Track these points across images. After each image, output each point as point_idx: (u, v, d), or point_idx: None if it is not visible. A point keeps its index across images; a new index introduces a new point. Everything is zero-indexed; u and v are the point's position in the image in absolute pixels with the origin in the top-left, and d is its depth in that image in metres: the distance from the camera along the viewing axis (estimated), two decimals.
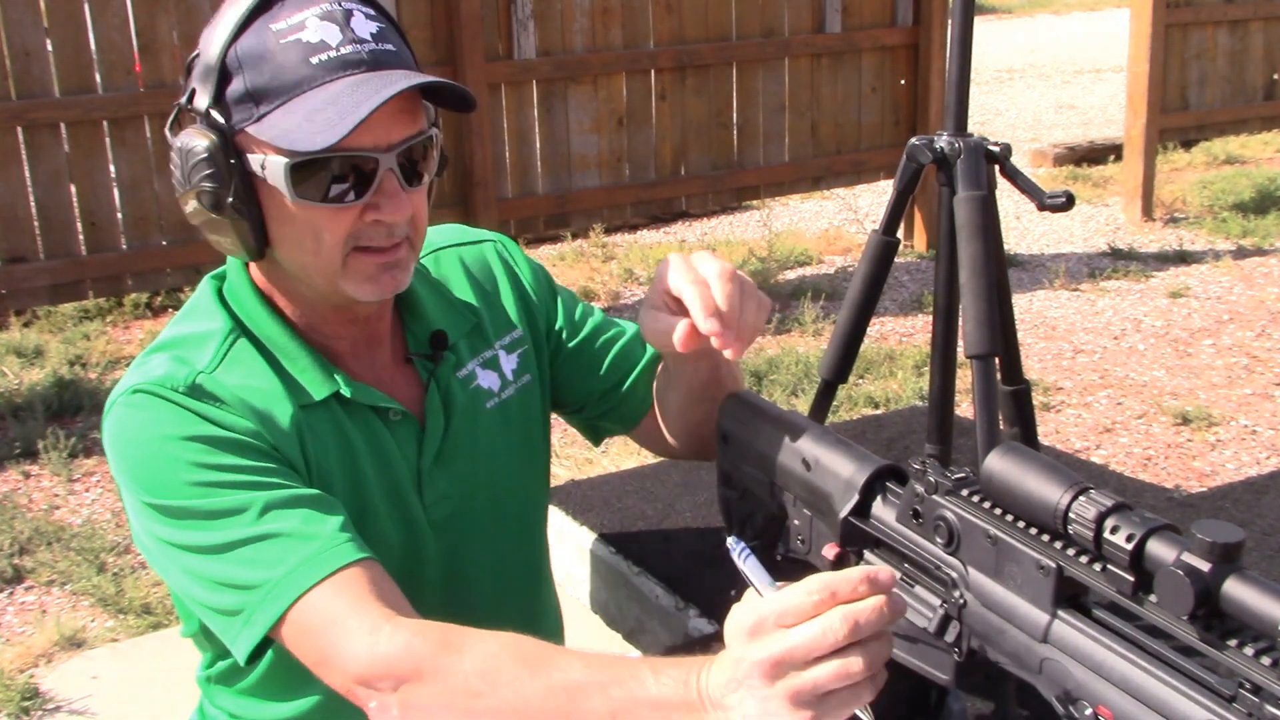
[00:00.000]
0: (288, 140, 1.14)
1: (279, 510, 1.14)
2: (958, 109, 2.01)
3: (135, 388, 1.20)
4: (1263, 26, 7.18)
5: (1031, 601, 0.91)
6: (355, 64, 1.15)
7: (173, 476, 1.16)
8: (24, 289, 4.61)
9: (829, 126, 6.21)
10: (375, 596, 1.11)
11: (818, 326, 5.22)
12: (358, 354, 1.32)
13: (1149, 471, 3.86)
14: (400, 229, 1.21)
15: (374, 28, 1.18)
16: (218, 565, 1.15)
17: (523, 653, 1.05)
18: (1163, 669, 0.82)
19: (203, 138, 1.18)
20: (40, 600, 3.27)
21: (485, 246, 1.48)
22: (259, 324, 1.27)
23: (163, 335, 1.29)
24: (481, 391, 1.38)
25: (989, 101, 11.44)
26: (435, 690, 1.05)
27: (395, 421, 1.31)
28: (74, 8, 4.48)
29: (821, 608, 0.90)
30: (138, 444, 1.19)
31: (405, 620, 1.10)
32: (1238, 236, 6.56)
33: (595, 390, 1.49)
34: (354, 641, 1.08)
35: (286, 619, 1.12)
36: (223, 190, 1.18)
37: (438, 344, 1.35)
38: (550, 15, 5.38)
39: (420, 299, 1.37)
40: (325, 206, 1.17)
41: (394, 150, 1.18)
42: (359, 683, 1.09)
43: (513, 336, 1.43)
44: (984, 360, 1.90)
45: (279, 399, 1.23)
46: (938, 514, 0.98)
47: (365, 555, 1.14)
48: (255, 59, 1.16)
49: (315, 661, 1.13)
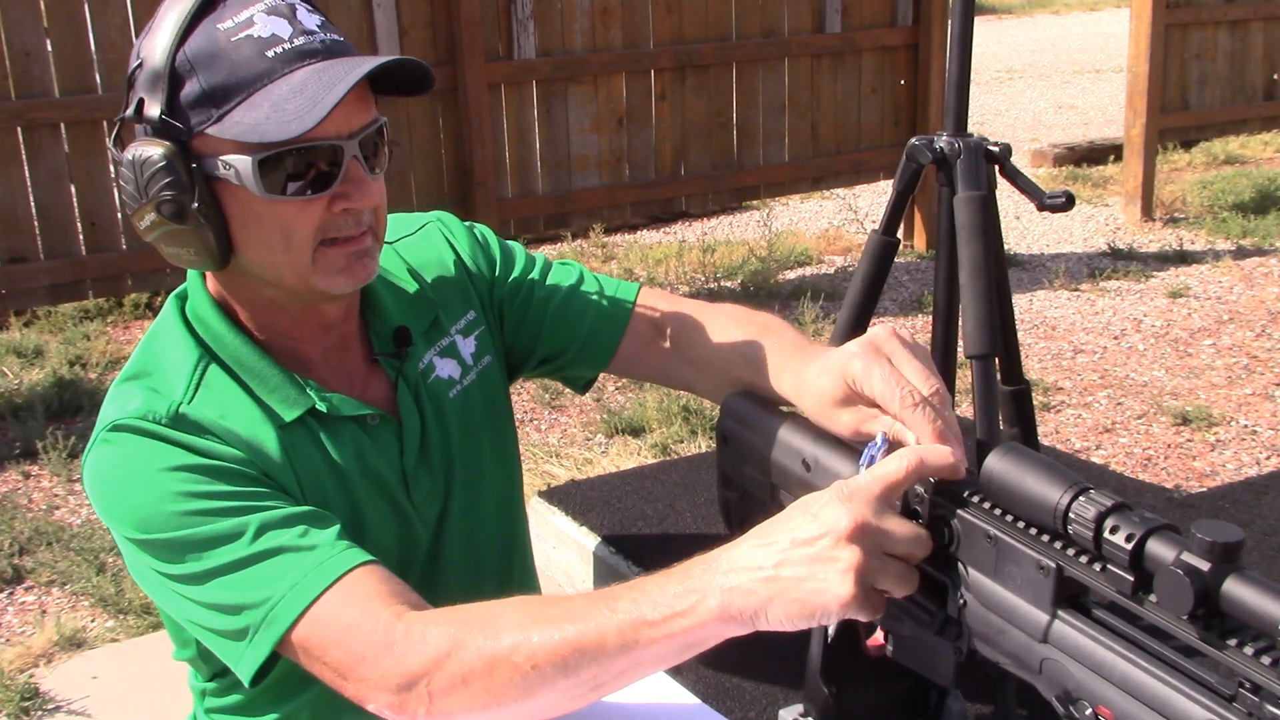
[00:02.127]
0: (257, 134, 1.12)
1: (275, 530, 1.13)
2: (958, 109, 2.01)
3: (114, 423, 1.17)
4: (1263, 26, 7.18)
5: (1031, 602, 0.91)
6: (311, 54, 1.15)
7: (161, 510, 1.14)
8: (24, 289, 4.61)
9: (829, 126, 6.21)
10: (385, 595, 1.10)
11: (818, 326, 5.22)
12: (329, 360, 1.30)
13: (1149, 471, 3.86)
14: (366, 217, 1.21)
15: (318, 19, 1.18)
16: (218, 591, 1.13)
17: (530, 614, 1.04)
18: (1163, 669, 0.82)
19: (158, 146, 1.15)
20: (40, 600, 3.27)
21: (429, 229, 1.45)
22: (225, 345, 1.24)
23: (132, 363, 1.26)
24: (442, 382, 1.36)
25: (989, 101, 11.44)
26: (457, 667, 1.04)
27: (374, 426, 1.29)
28: (74, 8, 4.48)
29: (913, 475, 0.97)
30: (121, 482, 1.16)
31: (416, 615, 1.08)
32: (1238, 236, 6.56)
33: (554, 351, 1.45)
34: (371, 650, 1.07)
35: (295, 633, 1.10)
36: (184, 197, 1.15)
37: (401, 341, 1.33)
38: (550, 15, 5.38)
39: (380, 297, 1.35)
40: (294, 200, 1.16)
41: (355, 137, 1.17)
42: (389, 693, 1.07)
43: (468, 319, 1.41)
44: (984, 360, 1.90)
45: (259, 423, 1.21)
46: (937, 514, 0.98)
47: (367, 559, 1.13)
48: (208, 59, 1.13)
49: (335, 675, 1.10)
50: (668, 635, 0.98)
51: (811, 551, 0.94)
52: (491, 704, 1.04)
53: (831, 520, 0.94)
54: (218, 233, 1.17)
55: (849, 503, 0.94)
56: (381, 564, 1.15)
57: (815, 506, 0.96)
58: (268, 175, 1.14)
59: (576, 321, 1.43)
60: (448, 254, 1.43)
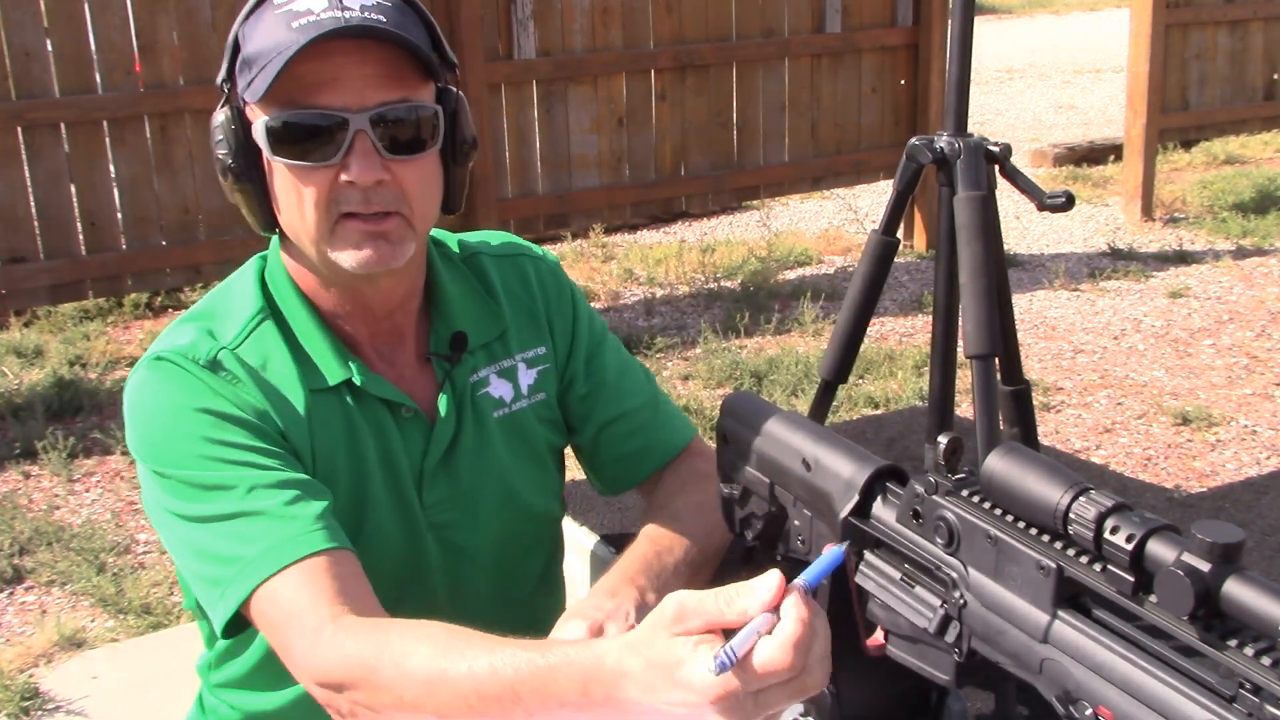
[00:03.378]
0: (252, 94, 1.18)
1: (265, 490, 1.17)
2: (958, 109, 2.01)
3: (159, 354, 1.24)
4: (1263, 26, 7.18)
5: (1032, 602, 0.90)
6: (329, 25, 1.16)
7: (179, 446, 1.19)
8: (24, 289, 4.61)
9: (829, 126, 6.21)
10: (333, 591, 1.13)
11: (818, 326, 5.22)
12: (378, 346, 1.32)
13: (1149, 471, 3.86)
14: (381, 198, 1.21)
15: (370, 1, 1.19)
16: (205, 535, 1.18)
17: (440, 650, 1.05)
18: (1163, 669, 0.82)
19: (221, 111, 1.23)
20: (40, 600, 3.27)
21: (539, 263, 1.46)
22: (287, 304, 1.29)
23: (200, 303, 1.32)
24: (491, 400, 1.37)
25: (989, 101, 11.44)
26: (367, 696, 1.08)
27: (406, 418, 1.31)
28: (74, 8, 4.48)
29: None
30: (152, 411, 1.22)
31: (349, 621, 1.11)
32: (1238, 236, 6.56)
33: (591, 451, 1.49)
34: (303, 643, 1.12)
35: (255, 600, 1.15)
36: (229, 158, 1.22)
37: (457, 345, 1.35)
38: (550, 15, 5.38)
39: (449, 298, 1.36)
40: (298, 165, 1.19)
41: (366, 112, 1.18)
42: (312, 683, 1.12)
43: (536, 352, 1.42)
44: (984, 360, 1.90)
45: (293, 384, 1.26)
46: (938, 514, 0.98)
47: (336, 545, 1.16)
48: (253, 30, 1.20)
49: (279, 654, 1.16)
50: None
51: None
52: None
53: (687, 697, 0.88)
54: (259, 195, 1.24)
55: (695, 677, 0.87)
56: (351, 554, 1.18)
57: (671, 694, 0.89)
58: (276, 139, 1.19)
59: (619, 443, 1.47)
60: (538, 290, 1.44)
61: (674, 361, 4.93)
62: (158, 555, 3.47)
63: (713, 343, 5.01)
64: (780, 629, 0.87)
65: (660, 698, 0.89)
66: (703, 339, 5.08)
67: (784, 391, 4.44)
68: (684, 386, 4.67)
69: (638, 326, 5.37)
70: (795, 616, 0.87)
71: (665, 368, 4.86)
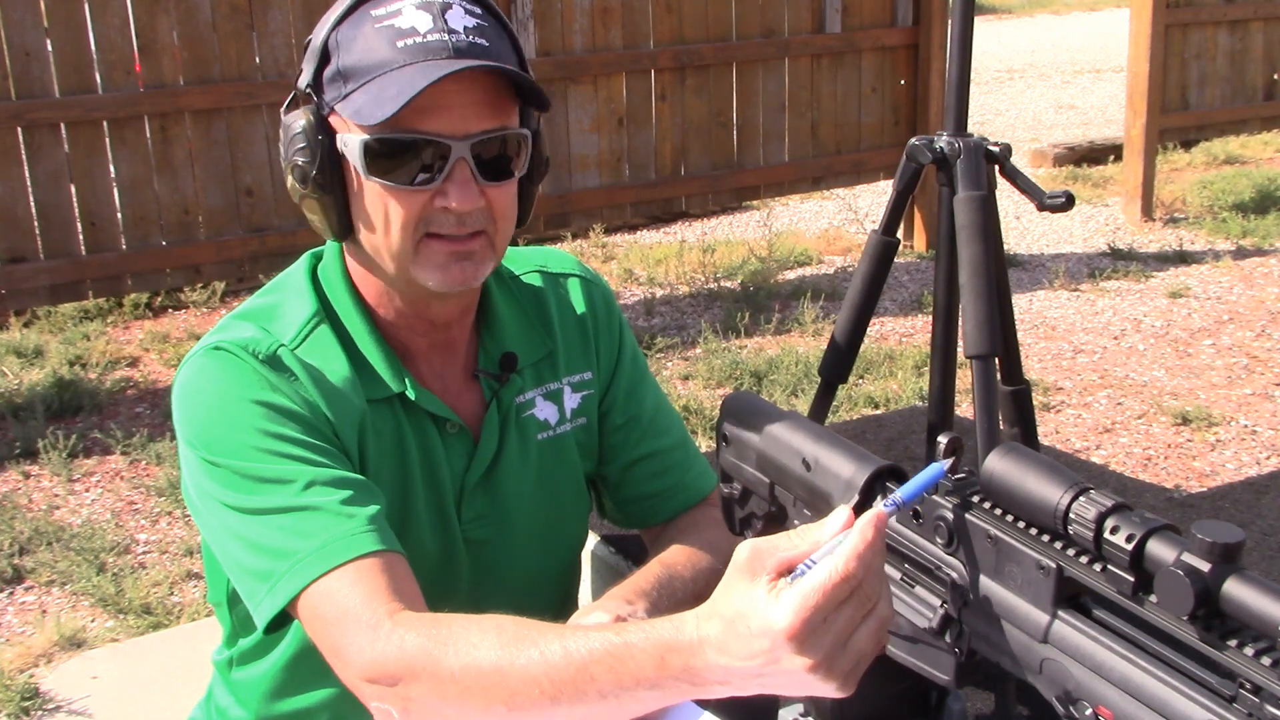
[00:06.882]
0: (359, 116, 1.18)
1: (323, 487, 1.17)
2: (958, 109, 2.01)
3: (217, 344, 1.23)
4: (1263, 26, 7.18)
5: (1032, 602, 0.91)
6: (438, 50, 1.17)
7: (234, 437, 1.19)
8: (24, 289, 4.61)
9: (829, 126, 6.21)
10: (389, 590, 1.13)
11: (818, 326, 5.22)
12: (431, 359, 1.33)
13: (1149, 471, 3.86)
14: (474, 220, 1.22)
15: (471, 22, 1.20)
16: (257, 528, 1.17)
17: (509, 638, 1.05)
18: (1163, 669, 0.82)
19: (301, 116, 1.23)
20: (40, 600, 3.27)
21: (592, 286, 1.47)
22: (344, 310, 1.29)
23: (251, 303, 1.31)
24: (536, 422, 1.38)
25: (989, 101, 11.44)
26: (429, 688, 1.06)
27: (451, 434, 1.32)
28: (74, 8, 4.48)
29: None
30: (207, 398, 1.21)
31: (407, 616, 1.11)
32: (1238, 236, 6.56)
33: (615, 485, 1.49)
34: (360, 638, 1.10)
35: (306, 596, 1.14)
36: (309, 165, 1.22)
37: (507, 365, 1.35)
38: (550, 15, 5.38)
39: (500, 317, 1.37)
40: (395, 187, 1.20)
41: (469, 140, 1.19)
42: (363, 681, 1.10)
43: (583, 377, 1.43)
44: (984, 360, 1.90)
45: (348, 391, 1.26)
46: (938, 514, 0.98)
47: (389, 547, 1.16)
48: (349, 41, 1.20)
49: (327, 651, 1.15)
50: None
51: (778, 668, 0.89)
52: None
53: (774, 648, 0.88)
54: (338, 205, 1.24)
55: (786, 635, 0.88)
56: (403, 557, 1.18)
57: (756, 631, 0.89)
58: (374, 158, 1.19)
59: (647, 481, 1.48)
60: (589, 314, 1.45)
61: (674, 361, 4.93)
62: (158, 555, 3.48)
63: (713, 343, 5.01)
64: (844, 543, 0.88)
65: (739, 655, 0.90)
66: (703, 339, 5.08)
67: (784, 391, 4.44)
68: (684, 386, 4.67)
69: (638, 326, 5.37)
70: (859, 531, 0.88)
71: (665, 368, 4.86)
